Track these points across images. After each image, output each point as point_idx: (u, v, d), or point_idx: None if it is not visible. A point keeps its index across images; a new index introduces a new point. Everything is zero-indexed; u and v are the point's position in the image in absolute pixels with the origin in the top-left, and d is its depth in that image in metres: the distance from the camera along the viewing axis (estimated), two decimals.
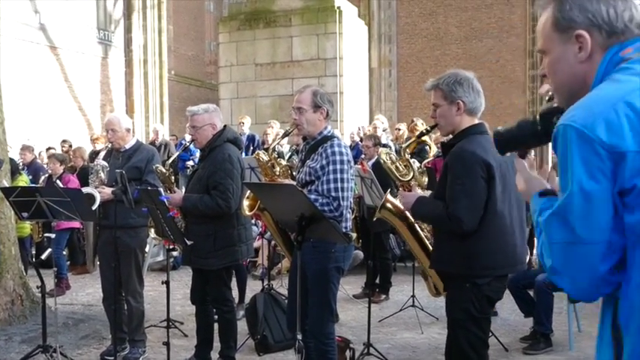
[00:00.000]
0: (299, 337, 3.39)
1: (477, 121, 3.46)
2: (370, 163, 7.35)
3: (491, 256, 3.34)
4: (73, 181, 8.60)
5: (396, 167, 3.72)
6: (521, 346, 5.79)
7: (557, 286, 5.17)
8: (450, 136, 3.53)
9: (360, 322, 6.58)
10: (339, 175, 3.97)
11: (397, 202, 3.70)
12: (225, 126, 5.09)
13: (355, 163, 7.27)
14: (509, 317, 6.77)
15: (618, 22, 1.62)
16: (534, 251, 6.07)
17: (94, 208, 5.17)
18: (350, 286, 8.08)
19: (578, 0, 1.64)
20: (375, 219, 3.98)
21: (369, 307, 5.40)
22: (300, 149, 4.53)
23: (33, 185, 7.64)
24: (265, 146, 12.06)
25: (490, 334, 5.66)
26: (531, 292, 5.89)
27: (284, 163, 4.78)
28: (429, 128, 3.74)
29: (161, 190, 4.54)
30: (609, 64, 1.61)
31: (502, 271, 3.45)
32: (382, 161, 3.64)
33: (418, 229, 3.69)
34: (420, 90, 23.32)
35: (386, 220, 3.81)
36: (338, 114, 13.01)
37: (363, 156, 7.72)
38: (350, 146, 11.82)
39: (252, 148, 11.54)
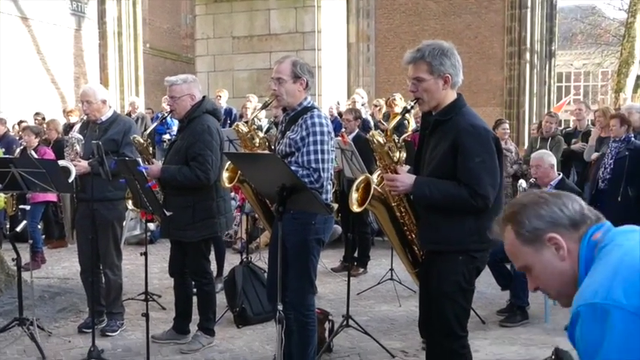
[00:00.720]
0: (280, 308, 3.37)
1: (456, 94, 3.34)
2: (350, 137, 7.32)
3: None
4: (49, 154, 8.48)
5: (389, 149, 3.50)
6: (497, 318, 5.86)
7: None
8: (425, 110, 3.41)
9: (338, 295, 6.60)
10: (319, 147, 3.94)
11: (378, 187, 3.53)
12: (204, 97, 5.03)
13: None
14: (486, 291, 6.82)
15: (574, 214, 1.78)
16: None
17: (70, 181, 5.09)
18: (328, 259, 8.09)
19: (531, 212, 1.79)
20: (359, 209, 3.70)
21: (349, 281, 5.42)
22: (279, 121, 4.48)
23: (7, 156, 7.48)
24: (244, 120, 11.99)
25: None
26: (509, 266, 5.93)
27: (261, 135, 4.73)
28: (412, 104, 3.48)
29: (139, 160, 4.47)
30: (587, 251, 1.74)
31: (499, 240, 3.43)
32: (375, 144, 3.42)
33: (397, 213, 3.52)
34: (398, 65, 23.25)
35: (370, 210, 3.61)
36: (316, 88, 12.94)
37: (343, 130, 7.68)
38: (334, 119, 11.80)
39: (229, 121, 11.44)
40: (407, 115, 5.20)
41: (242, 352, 5.04)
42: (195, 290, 5.18)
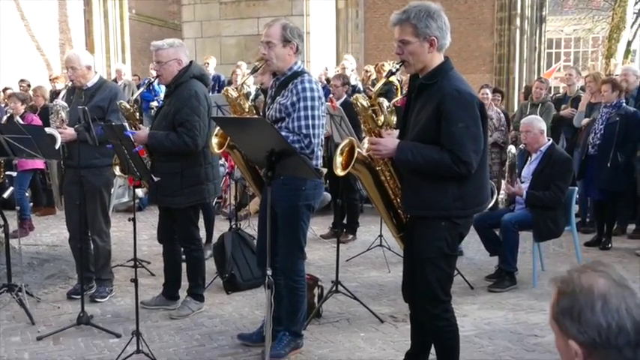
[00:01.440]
0: (269, 273, 3.36)
1: (443, 57, 3.28)
2: (339, 102, 7.26)
3: (478, 194, 3.32)
4: (36, 121, 8.39)
5: (373, 112, 3.44)
6: (486, 284, 5.88)
7: (522, 226, 5.22)
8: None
9: (327, 261, 6.61)
10: (309, 112, 3.89)
11: (363, 150, 3.47)
12: (191, 62, 4.95)
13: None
14: (474, 256, 6.87)
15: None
16: (501, 191, 6.12)
17: (56, 148, 5.04)
18: (317, 226, 8.10)
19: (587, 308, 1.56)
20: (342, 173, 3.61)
21: (338, 247, 5.41)
22: (266, 87, 4.42)
23: None
24: (234, 86, 11.88)
25: (456, 272, 5.78)
26: (497, 232, 5.96)
27: (248, 104, 4.67)
28: (397, 67, 3.38)
29: (126, 125, 4.41)
30: None
31: (482, 207, 3.44)
32: (359, 108, 3.37)
33: (382, 178, 3.48)
34: (387, 32, 23.07)
35: (355, 174, 3.55)
36: (305, 54, 12.82)
37: (331, 95, 7.62)
38: (324, 85, 11.71)
39: (217, 88, 11.33)
40: (392, 79, 5.13)
41: (231, 318, 5.04)
42: (184, 257, 5.17)
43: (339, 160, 3.39)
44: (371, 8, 23.15)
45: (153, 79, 5.34)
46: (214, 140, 4.27)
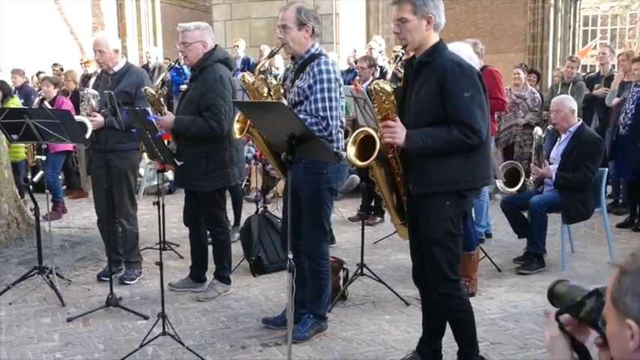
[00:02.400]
0: (290, 256, 3.38)
1: (438, 37, 3.38)
2: (365, 85, 7.21)
3: (486, 167, 3.37)
4: (67, 104, 8.52)
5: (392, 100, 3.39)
6: (514, 266, 5.83)
7: (550, 208, 5.16)
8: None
9: (354, 244, 6.60)
10: (326, 94, 3.90)
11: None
12: (216, 45, 4.97)
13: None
14: (503, 239, 6.81)
15: None
16: (530, 174, 6.03)
17: (87, 136, 5.11)
18: (346, 209, 8.11)
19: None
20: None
21: (362, 229, 5.40)
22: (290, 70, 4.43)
23: (21, 107, 7.52)
24: (263, 69, 11.88)
25: (483, 255, 5.74)
26: (525, 214, 5.89)
27: (275, 82, 4.66)
28: (402, 51, 3.45)
29: (149, 110, 4.45)
30: None
31: (488, 181, 3.45)
32: (383, 93, 3.31)
33: (393, 164, 3.46)
34: None
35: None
36: (334, 36, 12.75)
37: (357, 78, 7.57)
38: (347, 70, 11.64)
39: (246, 71, 11.34)
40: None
41: (257, 300, 5.09)
42: (210, 239, 5.21)
43: (351, 150, 3.38)
44: None
45: (173, 63, 5.35)
46: (235, 125, 4.29)
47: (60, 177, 9.05)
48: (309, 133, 3.18)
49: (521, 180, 5.92)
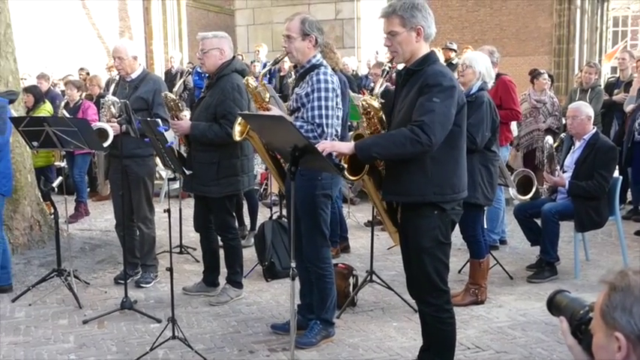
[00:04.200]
0: (293, 265, 3.47)
1: (429, 49, 3.43)
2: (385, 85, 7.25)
3: (457, 180, 3.39)
4: (92, 108, 8.68)
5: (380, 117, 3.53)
6: (526, 274, 5.84)
7: (563, 216, 5.15)
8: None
9: (368, 249, 6.65)
10: (323, 103, 4.02)
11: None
12: (234, 56, 5.09)
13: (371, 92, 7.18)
14: (518, 246, 6.81)
15: None
16: (543, 182, 6.03)
17: (108, 142, 5.23)
18: (362, 214, 8.16)
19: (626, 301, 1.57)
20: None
21: (372, 236, 5.46)
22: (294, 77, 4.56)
23: (40, 115, 7.71)
24: (282, 74, 11.99)
25: (495, 262, 5.76)
26: (538, 221, 5.89)
27: (269, 95, 4.74)
28: (389, 66, 3.57)
29: (159, 121, 4.57)
30: None
31: (462, 194, 3.45)
32: (363, 109, 3.49)
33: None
34: (442, 14, 22.74)
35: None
36: (355, 40, 12.83)
37: (371, 84, 7.62)
38: (367, 74, 11.69)
39: (268, 75, 11.47)
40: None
41: (268, 305, 5.17)
42: (221, 244, 5.32)
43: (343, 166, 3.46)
44: None
45: (191, 69, 5.45)
46: (237, 129, 4.39)
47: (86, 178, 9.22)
48: (311, 146, 3.25)
49: (534, 188, 5.92)
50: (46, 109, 8.70)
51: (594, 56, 19.10)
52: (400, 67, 3.56)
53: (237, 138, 4.37)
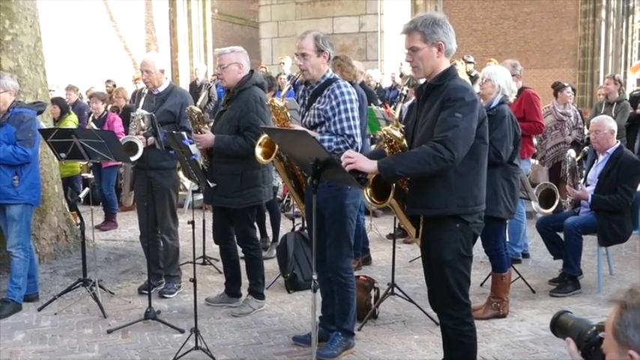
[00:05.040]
0: (314, 276, 3.50)
1: (449, 64, 3.45)
2: (406, 104, 7.27)
3: (478, 193, 3.40)
4: (118, 120, 8.80)
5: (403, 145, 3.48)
6: (549, 288, 5.82)
7: (586, 230, 5.12)
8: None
9: (390, 262, 6.66)
10: (350, 114, 4.10)
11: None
12: (252, 70, 5.16)
13: (392, 105, 7.22)
14: (540, 259, 6.78)
15: None
16: (566, 195, 6.01)
17: (137, 156, 5.31)
18: (384, 226, 8.18)
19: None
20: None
21: (394, 249, 5.47)
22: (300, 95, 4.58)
23: (68, 127, 7.86)
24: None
25: (517, 276, 5.75)
26: (561, 235, 5.86)
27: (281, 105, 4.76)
28: (407, 88, 3.72)
29: (184, 134, 4.65)
30: None
31: (483, 207, 3.46)
32: (385, 139, 3.47)
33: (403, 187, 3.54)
34: (466, 27, 22.76)
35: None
36: (378, 53, 12.88)
37: (398, 97, 7.63)
38: (390, 87, 11.72)
39: (292, 87, 11.52)
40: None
41: (290, 317, 5.21)
42: (241, 255, 5.37)
43: (366, 191, 3.47)
44: (450, 3, 22.82)
45: (211, 83, 5.52)
46: (258, 150, 4.43)
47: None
48: (332, 159, 3.30)
49: (557, 201, 5.90)
50: (71, 120, 8.87)
51: (619, 69, 18.95)
52: (421, 81, 3.59)
53: (263, 160, 4.41)
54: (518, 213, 6.13)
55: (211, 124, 5.29)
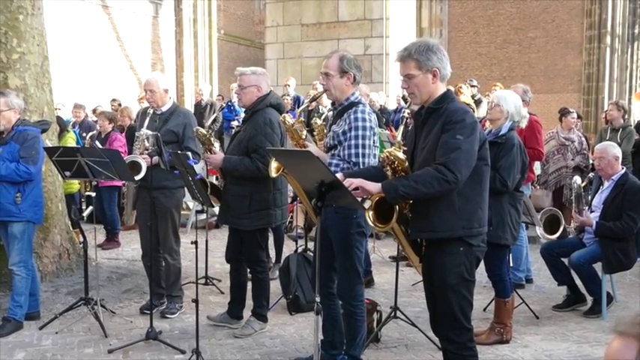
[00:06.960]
0: (317, 299, 3.47)
1: (445, 88, 3.46)
2: (410, 127, 7.30)
3: (482, 214, 3.39)
4: (119, 140, 8.82)
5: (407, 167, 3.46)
6: (552, 313, 5.80)
7: (593, 260, 5.10)
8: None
9: (393, 285, 6.63)
10: (360, 141, 4.03)
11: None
12: (270, 91, 5.15)
13: (396, 127, 7.23)
14: (544, 285, 6.74)
15: None
16: (571, 221, 6.00)
17: (142, 174, 5.32)
18: (387, 249, 8.15)
19: None
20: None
21: (397, 272, 5.45)
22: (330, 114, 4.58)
23: (74, 146, 7.89)
24: (310, 108, 12.09)
25: (520, 301, 5.71)
26: (565, 261, 5.84)
27: (319, 122, 4.76)
28: (409, 112, 3.65)
29: (189, 154, 4.65)
30: None
31: (485, 228, 3.44)
32: (388, 161, 3.44)
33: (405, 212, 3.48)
34: (471, 50, 22.87)
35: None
36: (384, 76, 12.92)
37: (401, 120, 7.65)
38: (396, 109, 11.75)
39: (297, 109, 11.57)
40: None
41: (292, 339, 5.17)
42: (250, 277, 5.35)
43: (369, 214, 3.44)
44: (455, 27, 22.98)
45: (225, 105, 5.55)
46: (273, 165, 4.39)
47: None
48: (337, 181, 3.28)
49: (562, 227, 5.88)
50: (71, 137, 8.93)
51: (624, 95, 18.99)
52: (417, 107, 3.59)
53: (274, 174, 4.39)
54: (519, 237, 6.12)
55: (217, 143, 5.30)
